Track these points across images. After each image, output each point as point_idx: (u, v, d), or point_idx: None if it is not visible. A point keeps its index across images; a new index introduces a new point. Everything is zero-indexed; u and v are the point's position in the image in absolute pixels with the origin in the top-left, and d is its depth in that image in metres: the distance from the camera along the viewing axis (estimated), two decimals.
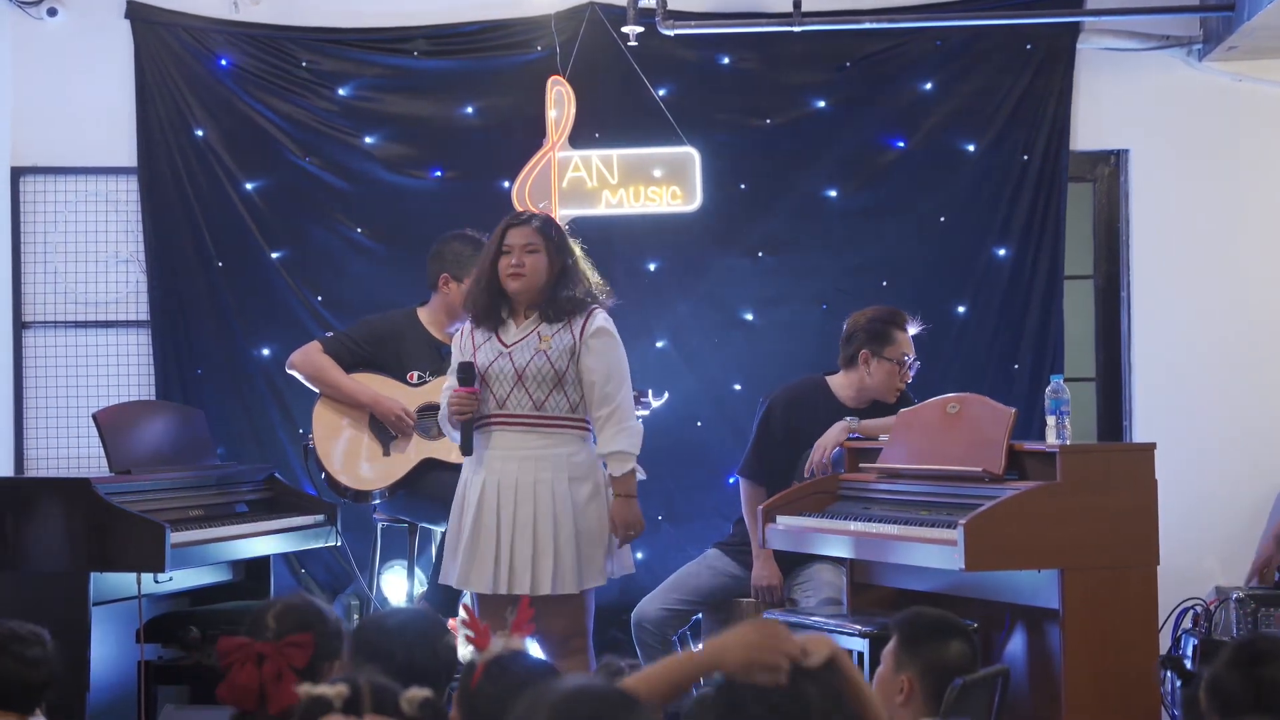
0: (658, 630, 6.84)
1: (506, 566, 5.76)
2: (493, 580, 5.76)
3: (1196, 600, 6.90)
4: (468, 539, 5.81)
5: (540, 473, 5.80)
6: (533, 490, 5.78)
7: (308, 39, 8.09)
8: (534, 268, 5.85)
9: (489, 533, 5.79)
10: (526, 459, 5.81)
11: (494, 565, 5.77)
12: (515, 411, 5.83)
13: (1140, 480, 5.75)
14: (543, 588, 5.73)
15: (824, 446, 6.65)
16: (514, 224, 5.93)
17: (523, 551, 5.76)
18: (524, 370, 5.80)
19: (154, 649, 6.43)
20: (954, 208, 8.05)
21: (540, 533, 5.77)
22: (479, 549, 5.79)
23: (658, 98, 7.91)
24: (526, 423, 5.83)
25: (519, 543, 5.76)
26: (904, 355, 6.76)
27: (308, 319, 7.97)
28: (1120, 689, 5.62)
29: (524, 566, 5.76)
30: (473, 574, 5.80)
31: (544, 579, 5.75)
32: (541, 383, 5.80)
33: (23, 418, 8.02)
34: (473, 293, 5.98)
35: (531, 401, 5.81)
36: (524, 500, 5.78)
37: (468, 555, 5.81)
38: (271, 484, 7.13)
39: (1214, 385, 8.04)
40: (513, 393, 5.81)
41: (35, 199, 8.08)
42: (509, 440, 5.83)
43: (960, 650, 4.21)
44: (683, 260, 8.04)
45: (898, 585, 6.34)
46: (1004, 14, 7.97)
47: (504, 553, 5.77)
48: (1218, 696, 3.25)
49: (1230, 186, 8.11)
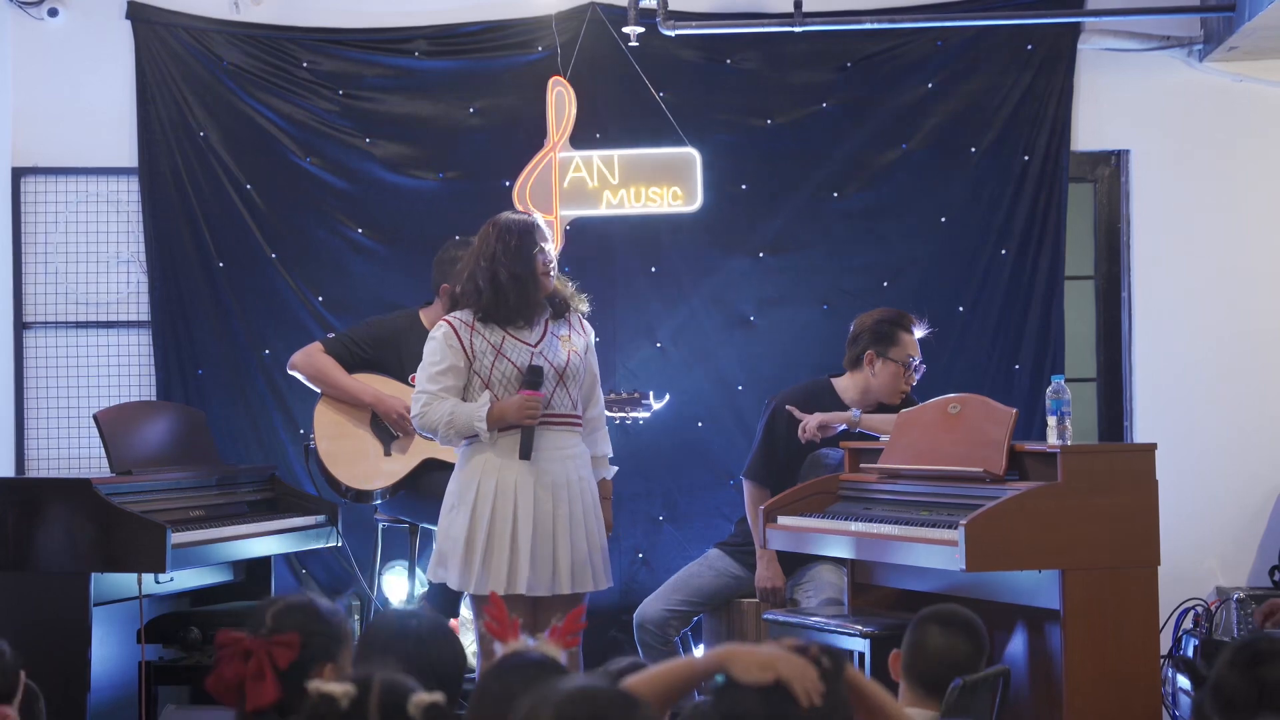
0: (660, 631, 6.84)
1: (568, 566, 5.80)
2: (552, 582, 5.78)
3: (1197, 601, 6.90)
4: (528, 543, 5.76)
5: (581, 470, 5.92)
6: (578, 489, 5.88)
7: (309, 39, 8.08)
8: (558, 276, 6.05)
9: (546, 534, 5.79)
10: (568, 458, 5.90)
11: (553, 567, 5.79)
12: (560, 411, 5.88)
13: (1141, 481, 5.75)
14: (602, 583, 5.90)
15: (823, 417, 6.66)
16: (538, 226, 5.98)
17: (580, 550, 5.84)
18: (564, 370, 5.85)
19: (155, 649, 6.44)
20: (955, 208, 8.04)
21: (591, 529, 5.89)
22: (540, 551, 5.78)
23: (659, 98, 7.91)
24: (569, 422, 5.91)
25: (576, 541, 5.84)
26: (909, 358, 6.77)
27: (308, 319, 7.97)
28: (1121, 689, 5.62)
29: (583, 564, 5.84)
30: (533, 577, 5.76)
31: (600, 574, 5.91)
32: (578, 382, 5.92)
33: (24, 418, 8.02)
34: (509, 290, 5.86)
35: (572, 400, 5.92)
36: (575, 498, 5.86)
37: (530, 558, 5.76)
38: (272, 484, 7.13)
39: (1215, 385, 8.04)
40: (556, 392, 5.84)
41: (36, 199, 8.08)
42: (551, 439, 5.86)
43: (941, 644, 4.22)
44: (684, 261, 8.03)
45: (899, 586, 6.34)
46: (1005, 14, 7.97)
47: (563, 552, 5.80)
48: (1219, 697, 3.25)
49: (1231, 186, 8.11)
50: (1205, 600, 6.95)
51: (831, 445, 6.73)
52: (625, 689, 2.66)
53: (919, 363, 6.79)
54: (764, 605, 6.76)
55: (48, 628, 5.96)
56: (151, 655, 6.37)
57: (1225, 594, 7.14)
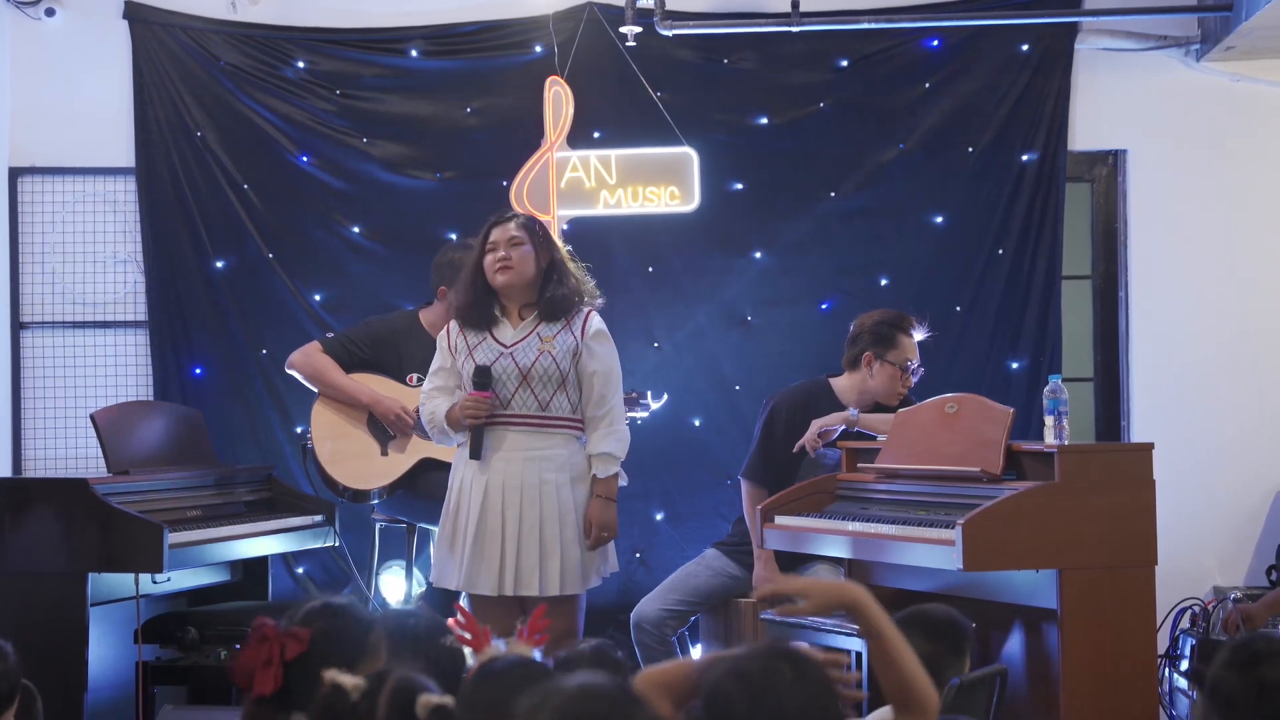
0: (657, 631, 6.83)
1: (513, 568, 5.76)
2: (498, 582, 5.76)
3: (1194, 600, 6.89)
4: (472, 541, 5.80)
5: (545, 473, 5.82)
6: (538, 491, 5.80)
7: (306, 39, 8.08)
8: (521, 261, 5.87)
9: (494, 535, 5.78)
10: (531, 459, 5.82)
11: (500, 567, 5.77)
12: (520, 412, 5.83)
13: (1138, 480, 5.75)
14: (552, 589, 5.76)
15: (821, 424, 6.66)
16: (497, 222, 5.97)
17: (531, 553, 5.77)
18: (529, 370, 5.81)
19: (152, 649, 6.42)
20: (952, 207, 8.04)
21: (547, 534, 5.79)
22: (484, 551, 5.78)
23: (656, 98, 7.90)
24: (532, 423, 5.84)
25: (526, 544, 5.77)
26: (907, 360, 6.77)
27: (306, 319, 7.97)
28: (1118, 689, 5.62)
29: (532, 568, 5.76)
30: (479, 576, 5.79)
31: (553, 580, 5.78)
32: (547, 383, 5.82)
33: (20, 418, 8.02)
34: (462, 295, 5.97)
35: (537, 402, 5.83)
36: (530, 502, 5.79)
37: (473, 557, 5.80)
38: (270, 484, 7.13)
39: (1212, 385, 8.04)
40: (518, 393, 5.82)
41: (33, 199, 8.08)
42: (513, 441, 5.84)
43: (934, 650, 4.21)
44: (681, 261, 8.04)
45: (896, 585, 6.33)
46: (1002, 14, 7.97)
47: (510, 555, 5.77)
48: (1217, 698, 3.24)
49: (1229, 186, 8.11)
50: (1203, 600, 6.94)
51: (832, 446, 6.73)
52: (630, 687, 2.65)
53: (917, 365, 6.79)
54: (760, 605, 6.76)
55: (45, 627, 5.95)
56: (149, 655, 6.36)
57: (1222, 593, 7.13)
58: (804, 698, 2.80)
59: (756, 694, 2.79)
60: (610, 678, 2.57)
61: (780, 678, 2.80)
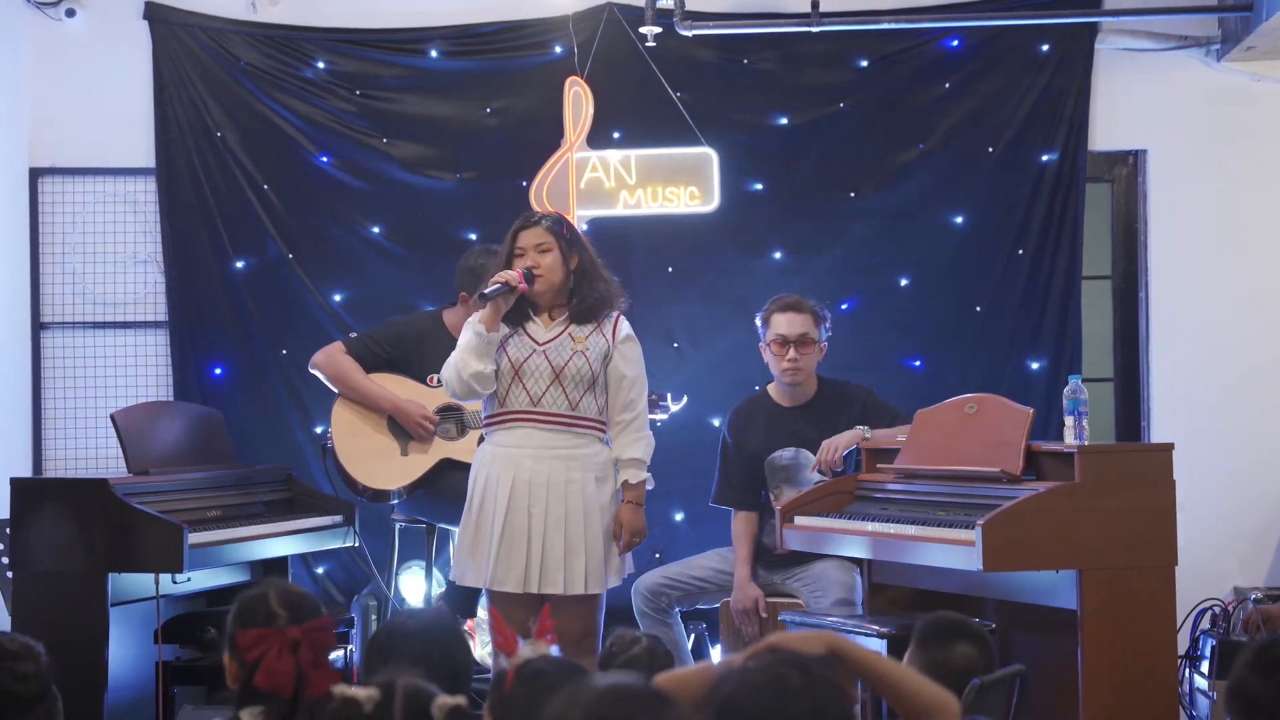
0: (654, 600, 6.94)
1: (538, 566, 5.77)
2: (523, 579, 5.77)
3: (1215, 600, 6.88)
4: (499, 538, 5.79)
5: (571, 472, 5.83)
6: (564, 489, 5.81)
7: (326, 39, 8.10)
8: (550, 266, 5.88)
9: (520, 531, 5.78)
10: (558, 458, 5.83)
11: (525, 564, 5.77)
12: (551, 410, 5.84)
13: (1158, 480, 5.75)
14: (575, 587, 5.77)
15: (834, 446, 6.68)
16: (524, 226, 5.95)
17: (555, 551, 5.78)
18: (563, 369, 5.82)
19: (172, 649, 6.44)
20: (972, 208, 8.04)
21: (572, 532, 5.80)
22: (511, 548, 5.79)
23: (675, 98, 7.91)
24: (561, 422, 5.84)
25: (551, 542, 5.78)
26: (776, 335, 6.90)
27: (325, 319, 7.98)
28: (1138, 689, 5.61)
29: (556, 566, 5.77)
30: (507, 574, 5.79)
31: (576, 578, 5.78)
32: (579, 383, 5.83)
33: (41, 418, 8.04)
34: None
35: (568, 401, 5.83)
36: (556, 499, 5.80)
37: (499, 554, 5.80)
38: (289, 484, 7.14)
39: (1232, 385, 8.03)
40: (549, 391, 5.83)
41: (53, 200, 8.10)
42: (541, 439, 5.84)
43: (965, 653, 4.22)
44: (701, 261, 8.04)
45: (915, 586, 6.34)
46: (1022, 14, 7.96)
47: (535, 552, 5.77)
48: (1239, 700, 3.24)
49: (1249, 186, 8.09)
50: (1223, 600, 6.93)
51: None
52: (657, 687, 2.65)
53: (794, 338, 6.88)
54: (743, 625, 6.85)
55: (65, 627, 5.97)
56: (169, 655, 6.37)
57: (1243, 594, 7.12)
58: (813, 705, 2.79)
59: (768, 706, 2.79)
60: (639, 678, 2.57)
61: (788, 686, 2.80)
